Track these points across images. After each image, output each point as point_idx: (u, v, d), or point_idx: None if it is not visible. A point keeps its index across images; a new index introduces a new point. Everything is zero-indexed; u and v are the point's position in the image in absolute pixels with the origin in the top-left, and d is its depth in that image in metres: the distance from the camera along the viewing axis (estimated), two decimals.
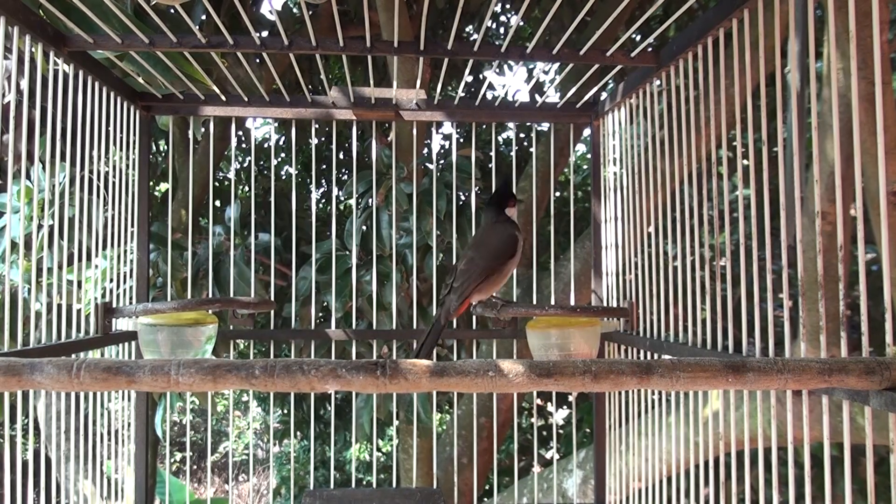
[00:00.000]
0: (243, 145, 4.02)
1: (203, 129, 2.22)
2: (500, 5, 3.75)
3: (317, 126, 1.61)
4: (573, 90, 1.47)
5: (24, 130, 1.06)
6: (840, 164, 1.12)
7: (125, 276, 1.45)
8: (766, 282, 1.14)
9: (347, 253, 2.29)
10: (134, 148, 1.45)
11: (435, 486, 2.75)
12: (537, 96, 1.67)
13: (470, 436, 3.00)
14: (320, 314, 2.94)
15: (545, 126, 3.12)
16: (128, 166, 1.43)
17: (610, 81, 1.59)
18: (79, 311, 1.21)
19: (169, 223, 1.70)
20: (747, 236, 0.94)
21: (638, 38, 3.17)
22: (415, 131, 1.99)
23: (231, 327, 1.56)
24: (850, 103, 0.76)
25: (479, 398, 2.74)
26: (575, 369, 0.62)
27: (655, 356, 1.22)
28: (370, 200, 2.33)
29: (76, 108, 1.22)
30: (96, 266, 1.36)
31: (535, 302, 1.68)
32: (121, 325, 1.38)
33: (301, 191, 4.16)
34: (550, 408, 4.98)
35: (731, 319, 1.00)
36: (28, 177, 1.44)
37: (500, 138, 3.78)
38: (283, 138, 4.38)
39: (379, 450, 5.54)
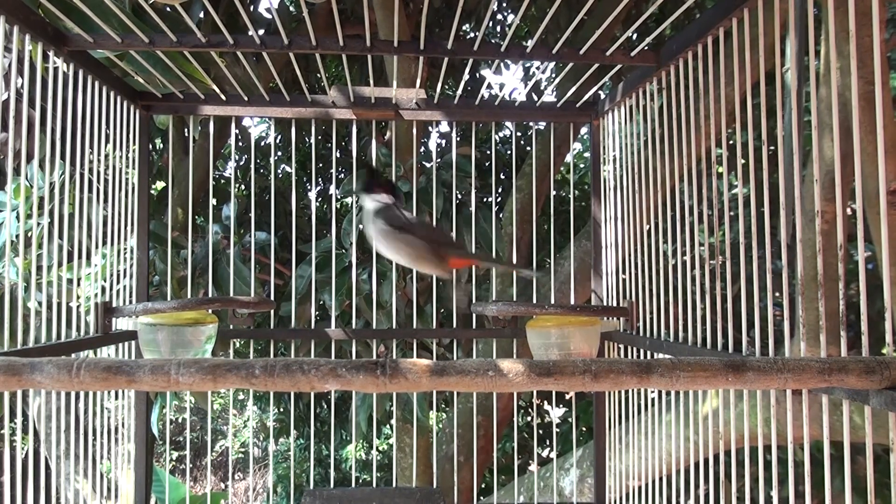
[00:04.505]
0: (240, 143, 4.01)
1: (199, 128, 2.22)
2: (496, 3, 3.74)
3: (314, 125, 1.61)
4: (573, 90, 1.47)
5: (24, 129, 1.06)
6: (838, 163, 1.12)
7: (123, 275, 1.45)
8: (765, 281, 1.14)
9: (345, 251, 2.29)
10: (133, 147, 1.45)
11: (434, 485, 2.76)
12: (535, 96, 1.67)
13: (468, 434, 3.01)
14: (317, 313, 2.93)
15: (542, 125, 3.12)
16: (127, 165, 1.43)
17: (608, 81, 1.59)
18: (78, 308, 1.21)
19: (168, 222, 1.70)
20: (746, 235, 0.94)
21: (635, 37, 3.17)
22: (414, 130, 1.98)
23: (231, 326, 1.56)
24: (849, 102, 0.76)
25: (478, 397, 2.74)
26: (575, 369, 0.62)
27: (655, 355, 1.22)
28: None
29: (76, 107, 1.21)
30: (95, 265, 1.35)
31: (534, 300, 1.68)
32: (120, 324, 1.38)
33: (299, 189, 4.15)
34: (548, 406, 4.98)
35: (730, 318, 1.00)
36: (25, 176, 1.43)
37: (496, 136, 3.77)
38: (280, 136, 4.37)
39: (376, 448, 5.53)
